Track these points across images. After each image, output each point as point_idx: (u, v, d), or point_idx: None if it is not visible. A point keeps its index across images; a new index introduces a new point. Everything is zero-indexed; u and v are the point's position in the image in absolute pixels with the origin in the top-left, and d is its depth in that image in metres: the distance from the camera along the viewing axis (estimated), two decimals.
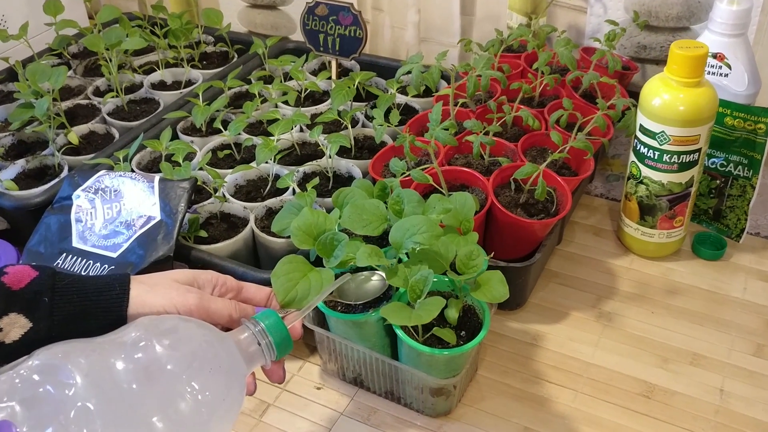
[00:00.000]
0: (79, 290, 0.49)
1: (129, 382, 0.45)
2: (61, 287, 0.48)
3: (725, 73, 0.90)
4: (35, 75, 1.00)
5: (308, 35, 1.07)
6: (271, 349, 0.54)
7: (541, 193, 0.77)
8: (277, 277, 0.60)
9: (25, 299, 0.47)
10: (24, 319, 0.47)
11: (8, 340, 0.47)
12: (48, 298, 0.47)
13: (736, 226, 0.92)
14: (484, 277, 0.67)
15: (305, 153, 0.98)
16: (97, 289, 0.50)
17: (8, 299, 0.47)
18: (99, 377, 0.44)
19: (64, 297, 0.48)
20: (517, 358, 0.79)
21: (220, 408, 0.48)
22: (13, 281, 0.47)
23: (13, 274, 0.48)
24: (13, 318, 0.47)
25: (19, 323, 0.47)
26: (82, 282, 0.50)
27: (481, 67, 0.90)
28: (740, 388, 0.75)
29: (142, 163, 0.98)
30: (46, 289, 0.48)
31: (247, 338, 0.53)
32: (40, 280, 0.48)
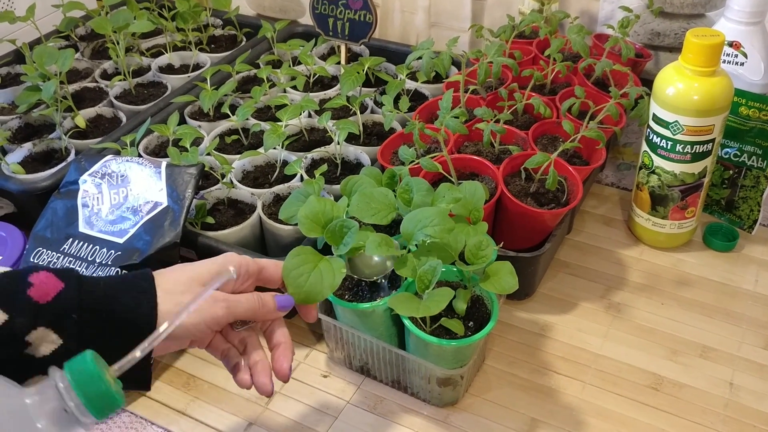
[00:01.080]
0: (106, 308, 0.48)
1: None
2: (89, 304, 0.47)
3: (741, 61, 0.89)
4: (42, 57, 0.99)
5: (317, 19, 1.06)
6: (82, 412, 0.42)
7: (552, 183, 0.77)
8: (288, 272, 0.59)
9: (53, 314, 0.46)
10: (54, 335, 0.46)
11: (38, 355, 0.46)
12: (77, 316, 0.46)
13: (749, 217, 0.91)
14: (493, 268, 0.66)
15: (313, 139, 0.98)
16: (125, 308, 0.48)
17: (36, 313, 0.46)
18: None
19: (93, 315, 0.47)
20: (525, 348, 0.79)
21: None
22: (40, 294, 0.46)
23: (38, 285, 0.46)
24: (42, 332, 0.46)
25: (49, 338, 0.46)
26: (109, 298, 0.48)
27: (492, 53, 0.89)
28: (750, 381, 0.74)
29: (149, 147, 0.97)
30: (74, 306, 0.47)
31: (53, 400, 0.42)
32: (67, 295, 0.47)
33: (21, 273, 0.47)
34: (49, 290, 0.46)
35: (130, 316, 0.48)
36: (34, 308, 0.46)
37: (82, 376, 0.42)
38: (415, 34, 1.26)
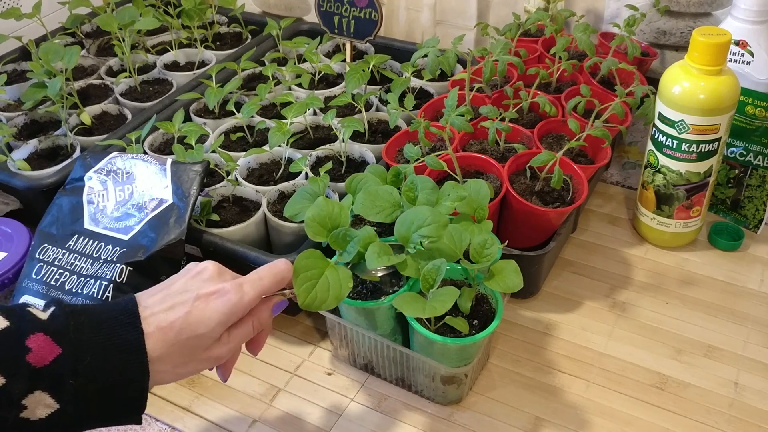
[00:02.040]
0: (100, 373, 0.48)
1: None
2: (84, 369, 0.47)
3: (747, 60, 0.88)
4: (48, 54, 1.00)
5: (323, 17, 1.06)
6: None
7: (557, 181, 0.76)
8: (298, 274, 0.58)
9: (50, 379, 0.47)
10: (50, 398, 0.46)
11: (34, 418, 0.46)
12: (73, 381, 0.47)
13: (755, 216, 0.91)
14: (498, 266, 0.66)
15: (318, 137, 0.98)
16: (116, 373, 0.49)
17: (33, 377, 0.46)
18: None
19: (87, 379, 0.47)
20: (529, 347, 0.79)
21: None
22: (37, 359, 0.47)
23: (36, 351, 0.47)
24: (39, 396, 0.46)
25: (45, 402, 0.46)
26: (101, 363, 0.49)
27: (498, 51, 0.89)
28: (755, 381, 0.74)
29: (154, 144, 0.97)
30: (69, 372, 0.47)
31: None
32: (64, 361, 0.47)
33: (18, 335, 0.47)
34: (46, 355, 0.47)
35: (122, 378, 0.49)
36: (31, 373, 0.46)
37: None
38: (420, 32, 1.26)
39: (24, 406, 0.46)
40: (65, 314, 0.49)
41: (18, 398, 0.46)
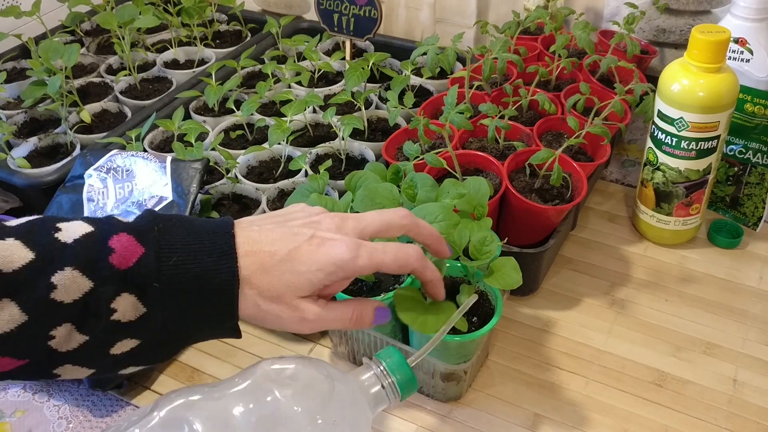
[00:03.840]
0: (185, 275, 0.45)
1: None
2: (167, 270, 0.45)
3: (747, 58, 0.88)
4: (48, 52, 1.00)
5: (322, 15, 1.06)
6: (394, 390, 0.51)
7: (557, 179, 0.77)
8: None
9: (135, 281, 0.45)
10: (138, 302, 0.45)
11: (125, 320, 0.45)
12: (158, 284, 0.45)
13: (754, 214, 0.91)
14: (497, 264, 0.66)
15: (318, 134, 0.98)
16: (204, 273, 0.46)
17: (119, 279, 0.44)
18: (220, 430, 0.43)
19: (171, 281, 0.45)
20: (528, 344, 0.79)
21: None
22: (121, 261, 0.45)
23: (119, 252, 0.45)
24: (126, 298, 0.45)
25: (133, 304, 0.45)
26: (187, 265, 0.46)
27: (497, 49, 0.89)
28: (754, 378, 0.74)
29: (154, 142, 0.97)
30: (154, 273, 0.45)
31: (369, 379, 0.51)
32: (148, 261, 0.45)
33: (102, 235, 0.45)
34: (130, 256, 0.45)
35: (211, 284, 0.46)
36: (116, 275, 0.44)
37: (393, 363, 0.51)
38: (420, 29, 1.26)
39: (114, 309, 0.45)
40: (152, 217, 0.47)
41: (107, 301, 0.44)
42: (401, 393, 0.51)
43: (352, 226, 0.51)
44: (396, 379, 0.51)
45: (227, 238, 0.47)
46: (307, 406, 0.45)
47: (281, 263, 0.48)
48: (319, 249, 0.48)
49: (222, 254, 0.47)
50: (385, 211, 0.54)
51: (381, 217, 0.53)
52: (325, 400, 0.46)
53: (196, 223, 0.48)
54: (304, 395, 0.46)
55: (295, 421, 0.44)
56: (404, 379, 0.51)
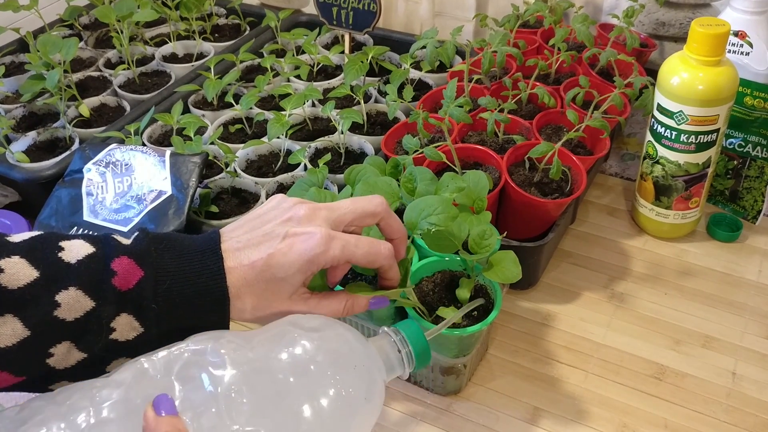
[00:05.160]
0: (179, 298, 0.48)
1: (278, 371, 0.45)
2: (163, 294, 0.47)
3: (746, 51, 0.88)
4: (46, 46, 0.99)
5: (321, 8, 1.06)
6: (410, 359, 0.52)
7: (556, 172, 0.77)
8: None
9: (134, 302, 0.47)
10: (135, 322, 0.47)
11: (122, 339, 0.47)
12: (155, 306, 0.47)
13: (753, 207, 0.91)
14: (496, 257, 0.66)
15: (317, 128, 0.98)
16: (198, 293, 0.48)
17: (119, 300, 0.46)
18: (250, 366, 0.44)
19: (167, 304, 0.47)
20: (527, 337, 0.79)
21: (362, 408, 0.47)
22: (122, 283, 0.47)
23: (121, 275, 0.47)
24: (125, 319, 0.47)
25: (131, 325, 0.47)
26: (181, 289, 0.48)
27: (496, 43, 0.89)
28: (753, 371, 0.74)
29: (153, 136, 0.97)
30: (151, 296, 0.47)
31: (388, 345, 0.52)
32: (146, 285, 0.47)
33: (104, 258, 0.47)
34: (131, 278, 0.47)
35: (202, 303, 0.48)
36: (117, 296, 0.46)
37: (411, 332, 0.53)
38: (419, 23, 1.26)
39: (113, 328, 0.46)
40: (148, 239, 0.49)
41: (107, 321, 0.46)
42: (416, 362, 0.53)
43: (324, 216, 0.52)
44: (412, 349, 0.52)
45: (215, 259, 0.49)
46: (329, 350, 0.47)
47: (261, 273, 0.50)
48: (292, 249, 0.50)
49: (212, 275, 0.49)
50: (359, 199, 0.54)
51: (354, 206, 0.54)
52: (345, 350, 0.48)
53: (186, 244, 0.50)
54: (328, 343, 0.47)
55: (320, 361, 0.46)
56: (420, 349, 0.53)
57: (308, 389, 0.45)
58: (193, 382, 0.43)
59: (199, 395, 0.42)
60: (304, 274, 0.51)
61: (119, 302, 0.46)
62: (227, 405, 0.42)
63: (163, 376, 0.43)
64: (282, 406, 0.44)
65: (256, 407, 0.43)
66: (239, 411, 0.42)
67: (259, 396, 0.43)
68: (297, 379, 0.45)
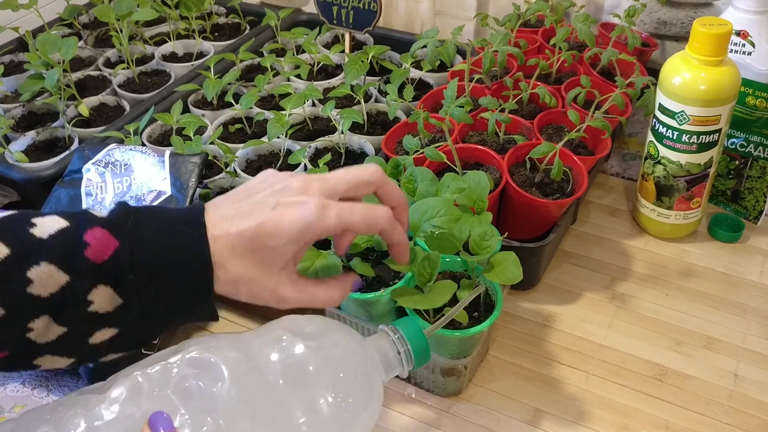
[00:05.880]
0: (158, 266, 0.46)
1: (276, 382, 0.44)
2: (141, 262, 0.46)
3: (748, 51, 0.88)
4: (45, 45, 0.99)
5: (321, 7, 1.05)
6: (409, 358, 0.52)
7: (557, 173, 0.76)
8: None
9: (111, 273, 0.45)
10: (114, 293, 0.45)
11: (102, 311, 0.45)
12: (133, 276, 0.45)
13: (755, 207, 0.91)
14: (497, 258, 0.66)
15: (317, 128, 0.97)
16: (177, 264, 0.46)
17: (94, 273, 0.45)
18: (248, 377, 0.44)
19: (146, 273, 0.46)
20: (528, 338, 0.78)
21: (361, 416, 0.47)
22: (96, 254, 0.45)
23: (94, 246, 0.45)
24: (102, 290, 0.45)
25: (109, 296, 0.45)
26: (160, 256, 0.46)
27: (497, 42, 0.89)
28: (755, 372, 0.74)
29: (152, 136, 0.97)
30: (128, 266, 0.45)
31: (387, 344, 0.52)
32: (122, 254, 0.45)
33: (77, 230, 0.46)
34: (105, 249, 0.45)
35: (184, 273, 0.47)
36: (92, 268, 0.45)
37: (409, 331, 0.52)
38: (419, 22, 1.25)
39: (90, 301, 0.45)
40: (125, 211, 0.48)
41: (83, 294, 0.45)
42: (415, 361, 0.52)
43: (317, 187, 0.50)
44: (411, 347, 0.52)
45: (198, 227, 0.48)
46: (329, 359, 0.46)
47: (250, 242, 0.48)
48: (285, 218, 0.48)
49: (194, 243, 0.47)
50: (353, 168, 0.53)
51: (348, 175, 0.52)
52: (346, 358, 0.47)
53: (167, 214, 0.48)
54: (327, 351, 0.47)
55: (319, 371, 0.45)
56: (419, 348, 0.52)
57: (307, 399, 0.44)
58: (191, 395, 0.42)
59: (197, 409, 0.42)
60: (297, 244, 0.49)
61: (94, 275, 0.45)
62: (226, 418, 0.42)
63: (160, 391, 0.43)
64: (281, 417, 0.43)
65: (256, 419, 0.42)
66: (238, 424, 0.42)
67: (258, 408, 0.43)
68: (296, 390, 0.44)
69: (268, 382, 0.44)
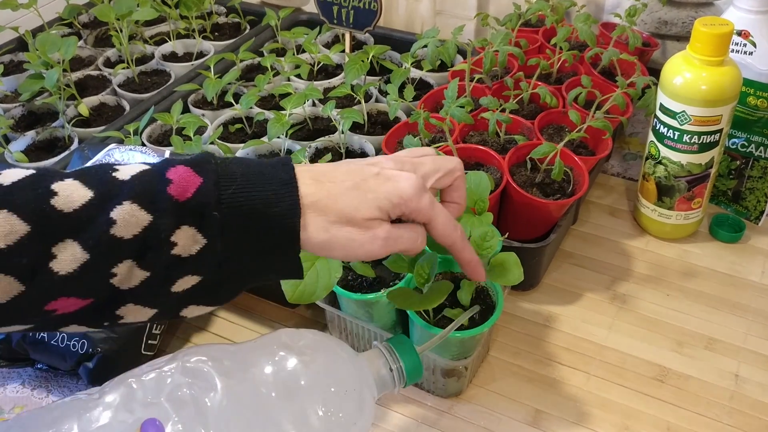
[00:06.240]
0: (245, 204, 0.45)
1: (268, 395, 0.44)
2: (227, 199, 0.45)
3: (750, 51, 0.88)
4: (45, 45, 0.99)
5: (322, 7, 1.05)
6: (401, 375, 0.52)
7: (558, 173, 0.76)
8: None
9: (195, 212, 0.44)
10: (198, 234, 0.44)
11: (185, 254, 0.44)
12: (218, 213, 0.44)
13: (756, 208, 0.91)
14: (498, 259, 0.66)
15: (317, 128, 0.97)
16: (265, 203, 0.45)
17: (178, 212, 0.44)
18: (241, 388, 0.44)
19: (231, 211, 0.45)
20: (529, 339, 0.78)
21: (350, 430, 0.47)
22: (180, 191, 0.44)
23: (177, 182, 0.44)
24: (186, 231, 0.44)
25: (193, 237, 0.44)
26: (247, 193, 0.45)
27: (498, 42, 0.88)
28: (756, 373, 0.74)
29: (152, 136, 0.97)
30: (213, 203, 0.44)
31: (379, 361, 0.52)
32: (206, 191, 0.44)
33: (159, 169, 0.45)
34: (188, 186, 0.44)
35: (271, 212, 0.46)
36: (175, 207, 0.44)
37: (403, 349, 0.52)
38: (420, 22, 1.25)
39: (174, 243, 0.44)
40: (209, 154, 0.47)
41: (167, 234, 0.44)
42: (407, 379, 0.52)
43: (410, 169, 0.51)
44: (404, 365, 0.52)
45: (288, 170, 0.47)
46: (321, 372, 0.47)
47: (349, 191, 0.48)
48: (387, 182, 0.49)
49: (283, 183, 0.46)
50: (440, 158, 0.53)
51: (437, 165, 0.52)
52: (338, 372, 0.47)
53: (254, 160, 0.48)
54: (320, 365, 0.47)
55: (310, 384, 0.45)
56: (412, 366, 0.52)
57: (299, 413, 0.44)
58: (183, 404, 0.42)
59: (189, 418, 0.42)
60: (393, 207, 0.49)
61: (178, 213, 0.44)
62: (217, 428, 0.42)
63: (153, 398, 0.43)
64: (271, 429, 0.43)
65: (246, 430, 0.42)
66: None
67: (249, 420, 0.43)
68: (288, 403, 0.44)
69: (260, 394, 0.44)
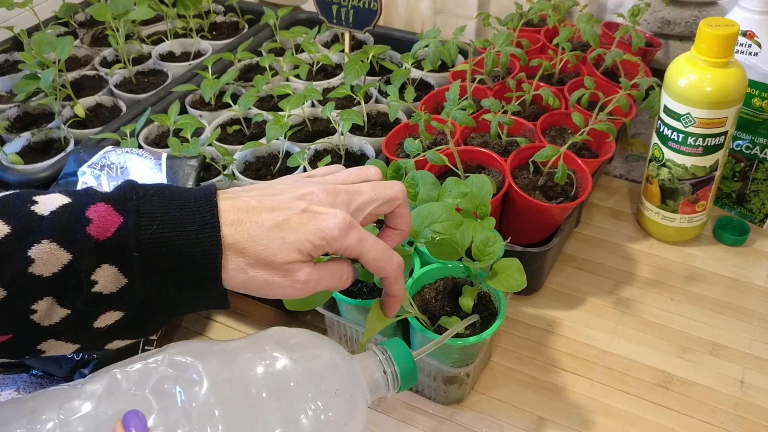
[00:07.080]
0: (166, 244, 0.44)
1: (256, 391, 0.43)
2: (148, 240, 0.44)
3: (755, 51, 0.87)
4: (41, 45, 0.98)
5: (321, 6, 1.04)
6: (395, 379, 0.51)
7: (561, 177, 0.75)
8: None
9: (115, 251, 0.43)
10: (119, 273, 0.44)
11: (106, 292, 0.44)
12: (138, 254, 0.43)
13: (760, 210, 0.90)
14: (500, 265, 0.65)
15: (317, 129, 0.96)
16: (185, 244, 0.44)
17: (98, 251, 0.43)
18: (227, 384, 0.43)
19: (152, 250, 0.44)
20: (531, 344, 0.77)
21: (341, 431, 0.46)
22: (99, 231, 0.43)
23: (97, 222, 0.43)
24: (107, 270, 0.43)
25: (114, 276, 0.43)
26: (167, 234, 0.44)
27: (500, 43, 0.87)
28: (762, 379, 0.73)
29: (149, 137, 0.96)
30: (134, 243, 0.43)
31: (374, 364, 0.51)
32: (127, 231, 0.43)
33: (79, 206, 0.44)
34: (108, 226, 0.43)
35: (192, 253, 0.45)
36: (95, 246, 0.43)
37: (398, 352, 0.51)
38: (420, 21, 1.24)
39: (94, 281, 0.43)
40: (131, 188, 0.46)
41: (87, 273, 0.43)
42: (401, 383, 0.51)
43: (344, 200, 0.49)
44: (399, 369, 0.51)
45: (210, 207, 0.46)
46: (311, 372, 0.45)
47: (269, 232, 0.46)
48: (310, 222, 0.47)
49: (204, 223, 0.45)
50: (380, 185, 0.52)
51: (376, 193, 0.51)
52: (328, 372, 0.46)
53: (177, 192, 0.47)
54: (310, 364, 0.46)
55: (300, 383, 0.45)
56: (406, 370, 0.51)
57: (286, 411, 0.43)
58: (168, 397, 0.41)
59: (173, 412, 0.41)
60: (315, 248, 0.47)
61: (98, 252, 0.43)
62: (201, 423, 0.41)
63: (137, 390, 0.42)
64: (258, 427, 0.42)
65: (231, 427, 0.41)
66: (212, 429, 0.41)
67: (235, 416, 0.42)
68: (275, 401, 0.43)
69: (246, 390, 0.43)
